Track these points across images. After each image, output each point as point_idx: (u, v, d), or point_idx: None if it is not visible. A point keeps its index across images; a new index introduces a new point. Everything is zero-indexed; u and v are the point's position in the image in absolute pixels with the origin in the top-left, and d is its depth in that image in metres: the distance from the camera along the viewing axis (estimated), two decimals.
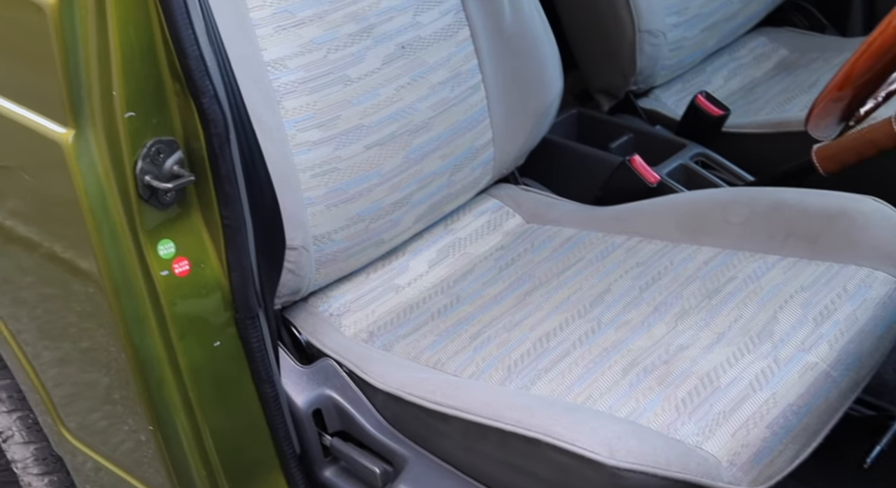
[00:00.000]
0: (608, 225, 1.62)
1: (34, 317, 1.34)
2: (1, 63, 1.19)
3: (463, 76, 1.57)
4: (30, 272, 1.29)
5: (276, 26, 1.37)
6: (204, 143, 1.17)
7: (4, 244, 1.29)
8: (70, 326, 1.30)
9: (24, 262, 1.28)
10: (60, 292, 1.26)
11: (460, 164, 1.59)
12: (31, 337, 1.39)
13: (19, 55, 1.16)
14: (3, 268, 1.32)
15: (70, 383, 1.39)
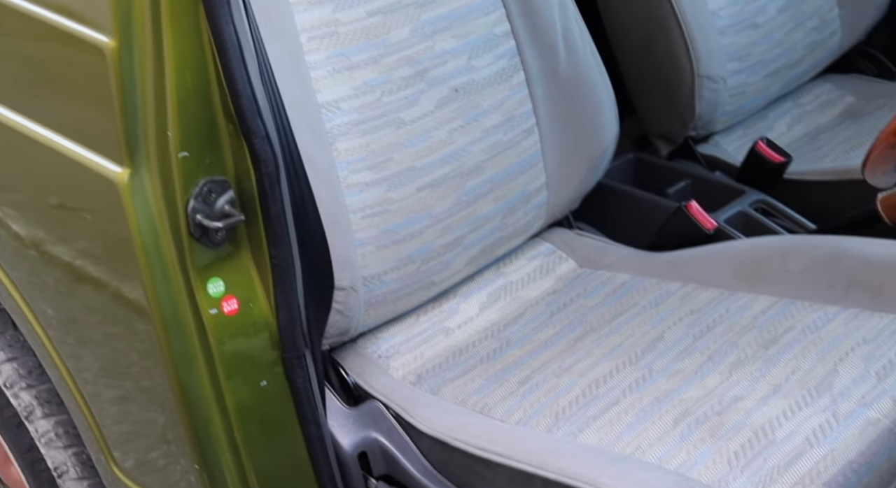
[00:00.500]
0: (663, 271, 1.60)
1: (98, 355, 1.35)
2: (61, 102, 1.22)
3: (517, 119, 1.57)
4: (97, 311, 1.30)
5: (331, 69, 1.38)
6: (255, 183, 1.18)
7: (73, 283, 1.31)
8: (132, 365, 1.31)
9: (92, 301, 1.30)
10: (124, 331, 1.28)
11: (513, 208, 1.58)
12: (91, 375, 1.40)
13: (79, 95, 1.19)
14: (71, 307, 1.33)
15: (129, 421, 1.40)
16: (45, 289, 1.36)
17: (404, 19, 1.45)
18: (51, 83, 1.22)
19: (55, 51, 1.18)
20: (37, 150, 1.24)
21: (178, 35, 1.11)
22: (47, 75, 1.22)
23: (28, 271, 1.36)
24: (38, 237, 1.33)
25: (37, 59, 1.22)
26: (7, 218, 1.34)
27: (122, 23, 1.09)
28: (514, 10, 1.56)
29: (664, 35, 1.87)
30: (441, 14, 1.49)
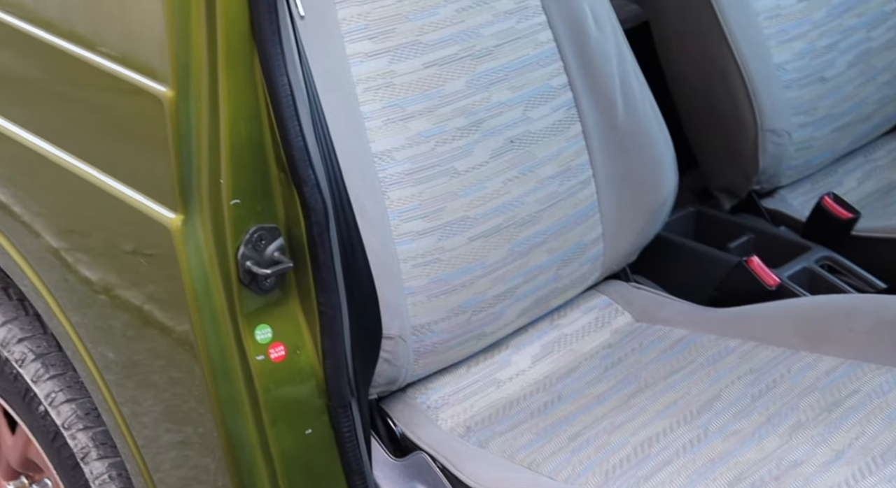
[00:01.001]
0: (722, 327, 1.56)
1: (161, 400, 1.36)
2: (119, 148, 1.24)
3: (573, 171, 1.56)
4: (162, 355, 1.31)
5: (385, 119, 1.39)
6: (304, 231, 1.19)
7: (142, 328, 1.32)
8: (191, 410, 1.31)
9: (153, 345, 1.31)
10: (184, 375, 1.29)
11: (568, 259, 1.57)
12: (150, 419, 1.41)
13: (136, 142, 1.22)
14: (136, 351, 1.35)
15: (187, 467, 1.40)
16: (109, 332, 1.38)
17: (460, 71, 1.46)
18: (110, 130, 1.25)
19: (115, 99, 1.21)
20: (96, 195, 1.26)
21: (233, 86, 1.13)
22: (107, 122, 1.25)
23: (92, 315, 1.38)
24: (100, 281, 1.35)
25: (97, 107, 1.25)
26: (74, 263, 1.36)
27: (180, 73, 1.12)
28: (571, 62, 1.56)
29: (726, 87, 1.85)
30: (497, 66, 1.49)
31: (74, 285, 1.38)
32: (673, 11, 1.88)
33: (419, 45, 1.42)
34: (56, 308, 1.43)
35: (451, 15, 1.45)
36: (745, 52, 1.83)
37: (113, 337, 1.37)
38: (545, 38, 1.54)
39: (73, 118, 1.29)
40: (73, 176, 1.28)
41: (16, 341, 1.60)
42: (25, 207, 1.39)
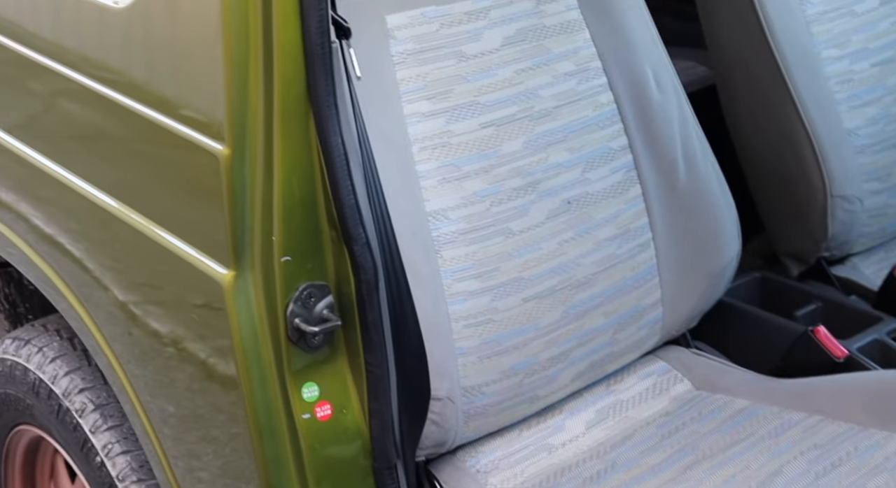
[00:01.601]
0: (786, 399, 1.51)
1: (220, 455, 1.37)
2: (174, 203, 1.26)
3: (632, 233, 1.54)
4: (223, 410, 1.31)
5: (441, 178, 1.39)
6: (354, 289, 1.19)
7: (204, 381, 1.33)
8: (245, 468, 1.31)
9: (219, 400, 1.31)
10: (244, 431, 1.28)
11: (625, 323, 1.54)
12: (208, 475, 1.40)
13: (191, 197, 1.24)
14: (198, 405, 1.35)
15: None
16: (170, 386, 1.39)
17: (518, 131, 1.45)
18: (167, 185, 1.27)
19: (172, 155, 1.23)
20: (155, 250, 1.28)
21: (288, 144, 1.14)
22: (164, 178, 1.27)
23: (154, 369, 1.39)
24: (163, 335, 1.36)
25: (155, 162, 1.28)
26: (137, 317, 1.38)
27: (236, 132, 1.14)
28: (632, 124, 1.55)
29: (794, 152, 1.81)
30: (556, 127, 1.49)
31: (138, 338, 1.39)
32: (740, 74, 1.86)
33: (477, 106, 1.43)
34: (115, 362, 1.44)
35: (509, 76, 1.46)
36: (815, 116, 1.80)
37: (174, 390, 1.38)
38: (606, 99, 1.54)
39: (132, 173, 1.32)
40: (134, 230, 1.31)
41: (77, 391, 1.63)
42: (96, 262, 1.42)
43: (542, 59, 1.49)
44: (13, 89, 1.51)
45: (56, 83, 1.38)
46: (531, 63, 1.48)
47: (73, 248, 1.45)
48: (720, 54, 1.89)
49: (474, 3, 1.44)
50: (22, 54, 1.43)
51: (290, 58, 1.11)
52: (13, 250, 1.56)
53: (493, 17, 1.45)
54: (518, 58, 1.47)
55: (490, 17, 1.45)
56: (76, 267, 1.45)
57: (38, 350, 1.68)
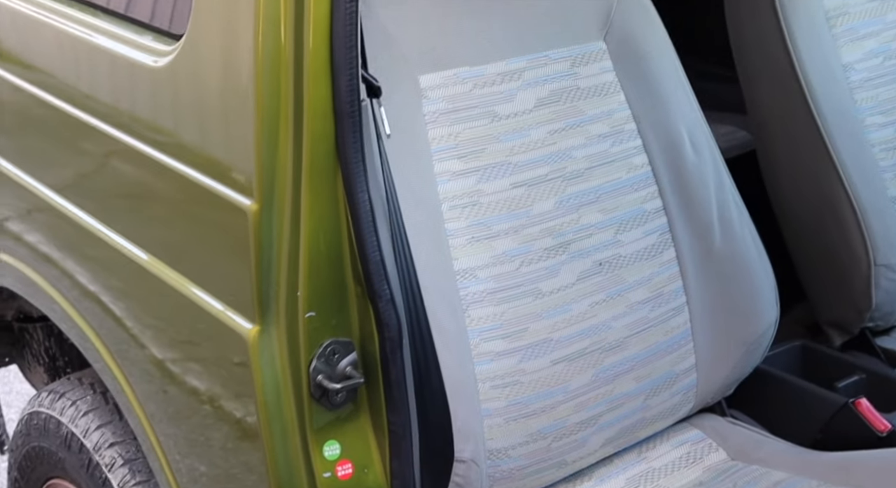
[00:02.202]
0: (825, 473, 1.46)
1: None
2: (201, 256, 1.27)
3: (665, 297, 1.51)
4: (254, 470, 1.29)
5: (470, 237, 1.39)
6: (378, 347, 1.18)
7: (235, 440, 1.31)
8: None
9: (251, 459, 1.29)
10: None
11: (657, 388, 1.50)
12: None
13: (219, 252, 1.24)
14: (231, 464, 1.34)
15: None
16: (203, 445, 1.38)
17: (549, 192, 1.45)
18: (195, 239, 1.28)
19: (201, 209, 1.24)
20: (183, 304, 1.29)
21: (315, 200, 1.15)
22: (193, 231, 1.29)
23: (187, 428, 1.39)
24: (196, 392, 1.36)
25: (185, 216, 1.29)
26: (172, 374, 1.38)
27: (265, 188, 1.15)
28: (667, 186, 1.53)
29: (836, 219, 1.78)
30: (588, 188, 1.48)
31: (173, 396, 1.39)
32: (781, 140, 1.84)
33: (508, 165, 1.43)
34: (145, 420, 1.44)
35: (542, 137, 1.46)
36: (858, 183, 1.77)
37: (206, 449, 1.37)
38: (640, 161, 1.53)
39: (163, 228, 1.34)
40: (167, 286, 1.32)
41: (108, 445, 1.63)
42: (134, 319, 1.43)
43: (576, 121, 1.49)
44: (56, 146, 1.54)
45: (95, 140, 1.40)
46: (564, 124, 1.48)
47: (113, 306, 1.46)
48: (760, 119, 1.87)
49: (508, 64, 1.45)
50: (61, 110, 1.47)
51: (320, 115, 1.12)
52: (55, 307, 1.59)
53: (527, 78, 1.46)
54: (551, 119, 1.47)
55: (524, 78, 1.46)
56: (115, 324, 1.46)
57: (72, 403, 1.69)
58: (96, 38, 1.38)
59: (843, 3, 1.81)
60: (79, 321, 1.53)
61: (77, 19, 1.44)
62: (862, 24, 1.84)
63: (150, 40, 1.30)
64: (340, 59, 1.09)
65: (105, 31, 1.38)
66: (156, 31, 1.30)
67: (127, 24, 1.35)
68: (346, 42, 1.09)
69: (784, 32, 1.76)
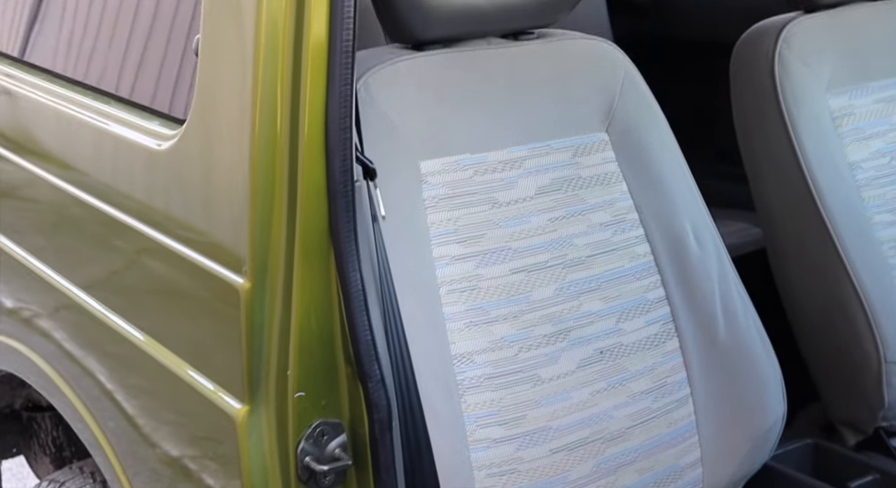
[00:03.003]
0: None
1: None
2: (195, 336, 1.27)
3: (669, 388, 1.49)
4: None
5: (468, 322, 1.38)
6: (367, 429, 1.16)
7: None
8: None
9: None
10: None
11: (661, 482, 1.47)
12: None
13: (208, 329, 1.25)
14: None
15: None
16: None
17: (549, 278, 1.45)
18: (189, 318, 1.29)
19: (192, 285, 1.25)
20: (175, 383, 1.29)
21: (307, 279, 1.15)
22: (186, 310, 1.29)
23: None
24: (186, 475, 1.35)
25: (175, 292, 1.30)
26: (157, 453, 1.37)
27: (258, 266, 1.15)
28: (669, 276, 1.53)
29: (846, 317, 1.75)
30: (590, 276, 1.48)
31: (163, 475, 1.38)
32: (789, 237, 1.84)
33: (508, 251, 1.43)
34: None
35: (543, 224, 1.47)
36: (867, 281, 1.75)
37: None
38: (642, 251, 1.53)
39: (156, 306, 1.34)
40: (156, 362, 1.32)
41: None
42: (127, 400, 1.43)
43: (577, 209, 1.50)
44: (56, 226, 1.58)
45: (94, 220, 1.43)
46: (566, 212, 1.49)
47: (106, 385, 1.46)
48: (769, 217, 1.87)
49: (509, 152, 1.47)
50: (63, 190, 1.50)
51: (313, 195, 1.13)
52: (52, 387, 1.59)
53: (528, 166, 1.48)
54: (552, 206, 1.48)
55: (525, 166, 1.47)
56: (109, 404, 1.46)
57: None
58: (101, 122, 1.43)
59: (849, 104, 1.83)
60: (75, 402, 1.53)
61: (82, 103, 1.48)
62: (868, 124, 1.85)
63: (157, 125, 1.33)
64: (334, 140, 1.11)
65: (110, 115, 1.42)
66: (162, 116, 1.34)
67: (134, 110, 1.39)
68: (341, 124, 1.11)
69: (790, 131, 1.77)
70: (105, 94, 1.47)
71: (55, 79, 1.60)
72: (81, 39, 1.58)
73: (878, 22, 1.88)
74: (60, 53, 1.63)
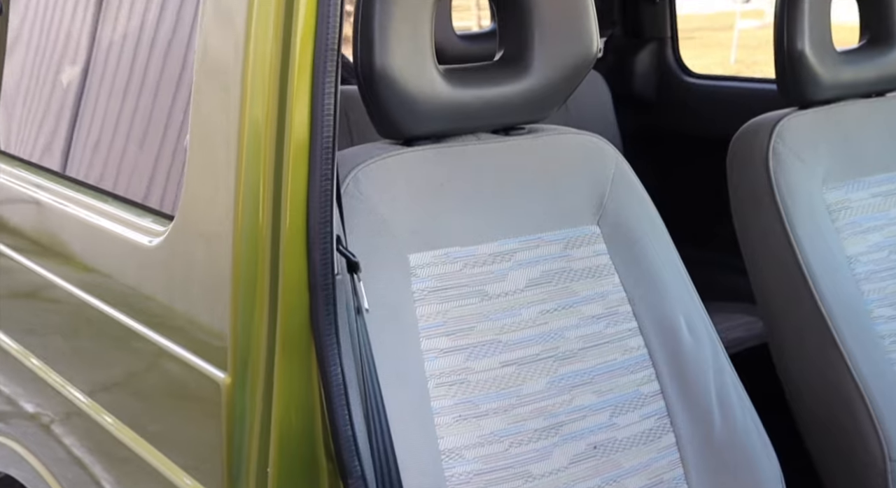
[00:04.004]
0: None
1: None
2: (173, 428, 1.27)
3: (665, 484, 1.46)
4: None
5: (456, 416, 1.37)
6: None
7: None
8: None
9: None
10: None
11: None
12: None
13: (188, 422, 1.25)
14: None
15: None
16: None
17: (541, 371, 1.44)
18: (170, 413, 1.29)
19: (175, 380, 1.25)
20: (154, 475, 1.28)
21: (288, 375, 1.15)
22: (167, 405, 1.29)
23: None
24: None
25: (156, 386, 1.30)
26: None
27: (239, 361, 1.16)
28: (664, 370, 1.51)
29: (849, 413, 1.72)
30: (582, 369, 1.47)
31: None
32: (789, 331, 1.82)
33: (498, 344, 1.43)
34: None
35: (534, 316, 1.46)
36: (869, 377, 1.73)
37: None
38: (636, 344, 1.51)
39: (139, 398, 1.35)
40: (122, 445, 1.31)
41: None
42: None
43: (569, 301, 1.49)
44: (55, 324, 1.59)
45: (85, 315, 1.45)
46: (557, 304, 1.48)
47: (81, 459, 1.46)
48: (769, 310, 1.86)
49: (500, 245, 1.47)
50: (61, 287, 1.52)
51: (295, 289, 1.14)
52: None
53: (519, 258, 1.48)
54: (543, 299, 1.47)
55: (516, 258, 1.48)
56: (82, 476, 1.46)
57: None
58: (98, 219, 1.45)
59: (845, 198, 1.84)
60: None
61: (80, 201, 1.51)
62: (865, 218, 1.85)
63: (150, 222, 1.36)
64: (315, 234, 1.12)
65: (103, 211, 1.45)
66: (155, 213, 1.36)
67: (128, 207, 1.42)
68: (321, 217, 1.12)
69: (786, 224, 1.77)
70: (103, 192, 1.50)
71: (57, 177, 1.63)
72: (84, 142, 1.62)
73: (872, 118, 1.90)
74: (65, 153, 1.67)
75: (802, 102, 1.85)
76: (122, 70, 1.50)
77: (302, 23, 1.09)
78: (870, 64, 1.87)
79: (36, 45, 1.76)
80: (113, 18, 1.52)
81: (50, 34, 1.72)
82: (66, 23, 1.66)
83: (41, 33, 1.76)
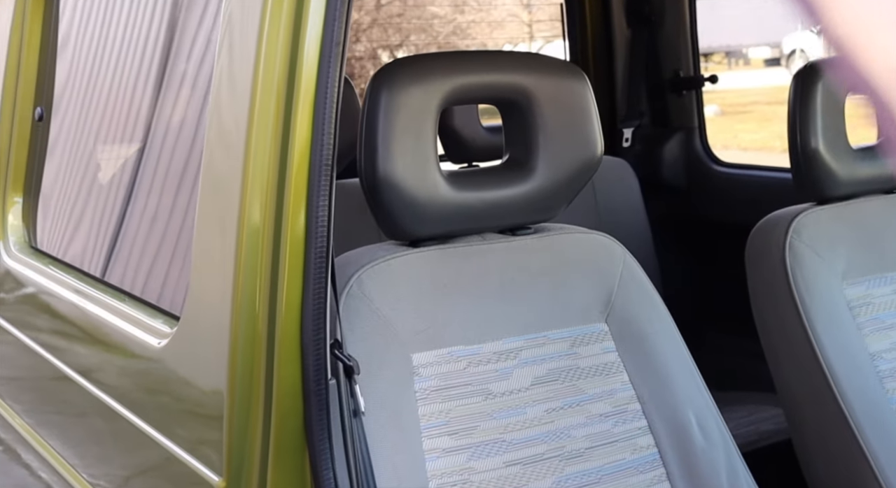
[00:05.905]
0: None
1: None
2: None
3: None
4: None
5: None
6: None
7: None
8: None
9: None
10: None
11: None
12: None
13: None
14: None
15: None
16: None
17: (546, 471, 1.43)
18: None
19: (169, 477, 1.28)
20: None
21: (281, 478, 1.17)
22: None
23: None
24: None
25: (152, 482, 1.32)
26: None
27: (233, 464, 1.18)
28: (675, 470, 1.49)
29: (860, 480, 1.68)
30: (589, 468, 1.45)
31: None
32: (811, 425, 1.79)
33: (502, 443, 1.42)
34: None
35: (539, 415, 1.46)
36: (891, 477, 1.68)
37: None
38: (645, 443, 1.50)
39: None
40: None
41: None
42: None
43: (576, 400, 1.49)
44: None
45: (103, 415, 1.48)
46: (563, 403, 1.48)
47: None
48: (790, 404, 1.83)
49: (504, 343, 1.48)
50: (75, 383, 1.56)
51: (289, 394, 1.16)
52: None
53: (524, 356, 1.48)
54: (549, 397, 1.47)
55: (521, 356, 1.48)
56: None
57: None
58: (110, 317, 1.50)
59: (867, 294, 1.82)
60: None
61: (97, 299, 1.56)
62: (887, 314, 1.82)
63: (160, 322, 1.40)
64: (308, 339, 1.15)
65: (119, 310, 1.49)
66: (165, 313, 1.40)
67: (140, 306, 1.46)
68: (315, 324, 1.15)
69: (804, 320, 1.75)
70: (123, 291, 1.55)
71: (82, 275, 1.69)
72: (113, 246, 1.68)
73: (890, 214, 1.89)
74: (97, 255, 1.73)
75: (820, 198, 1.85)
76: (143, 180, 1.56)
77: (299, 143, 1.13)
78: (887, 160, 1.87)
79: (69, 156, 1.85)
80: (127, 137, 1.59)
81: (80, 147, 1.81)
82: (94, 137, 1.74)
83: (73, 145, 1.85)
